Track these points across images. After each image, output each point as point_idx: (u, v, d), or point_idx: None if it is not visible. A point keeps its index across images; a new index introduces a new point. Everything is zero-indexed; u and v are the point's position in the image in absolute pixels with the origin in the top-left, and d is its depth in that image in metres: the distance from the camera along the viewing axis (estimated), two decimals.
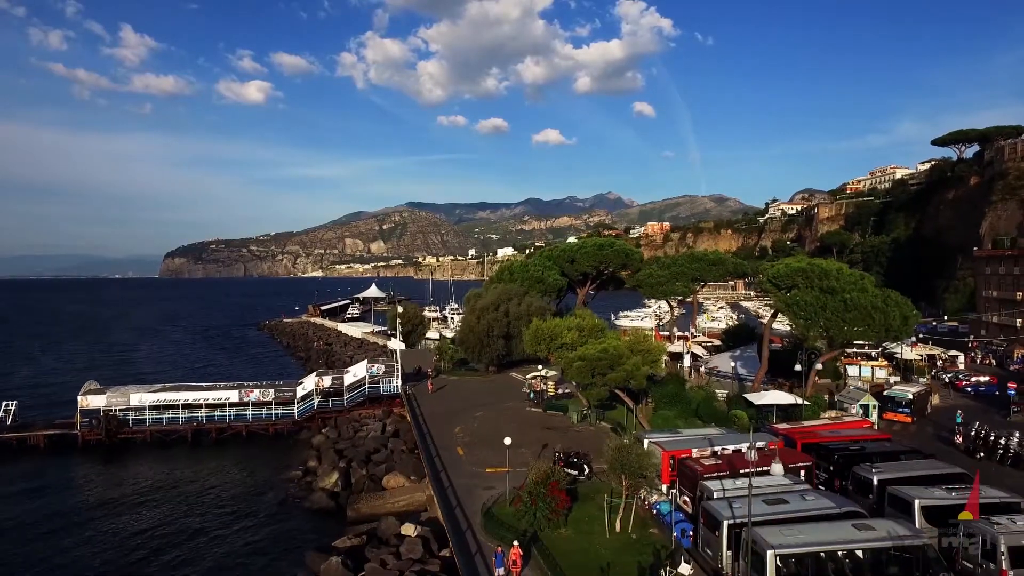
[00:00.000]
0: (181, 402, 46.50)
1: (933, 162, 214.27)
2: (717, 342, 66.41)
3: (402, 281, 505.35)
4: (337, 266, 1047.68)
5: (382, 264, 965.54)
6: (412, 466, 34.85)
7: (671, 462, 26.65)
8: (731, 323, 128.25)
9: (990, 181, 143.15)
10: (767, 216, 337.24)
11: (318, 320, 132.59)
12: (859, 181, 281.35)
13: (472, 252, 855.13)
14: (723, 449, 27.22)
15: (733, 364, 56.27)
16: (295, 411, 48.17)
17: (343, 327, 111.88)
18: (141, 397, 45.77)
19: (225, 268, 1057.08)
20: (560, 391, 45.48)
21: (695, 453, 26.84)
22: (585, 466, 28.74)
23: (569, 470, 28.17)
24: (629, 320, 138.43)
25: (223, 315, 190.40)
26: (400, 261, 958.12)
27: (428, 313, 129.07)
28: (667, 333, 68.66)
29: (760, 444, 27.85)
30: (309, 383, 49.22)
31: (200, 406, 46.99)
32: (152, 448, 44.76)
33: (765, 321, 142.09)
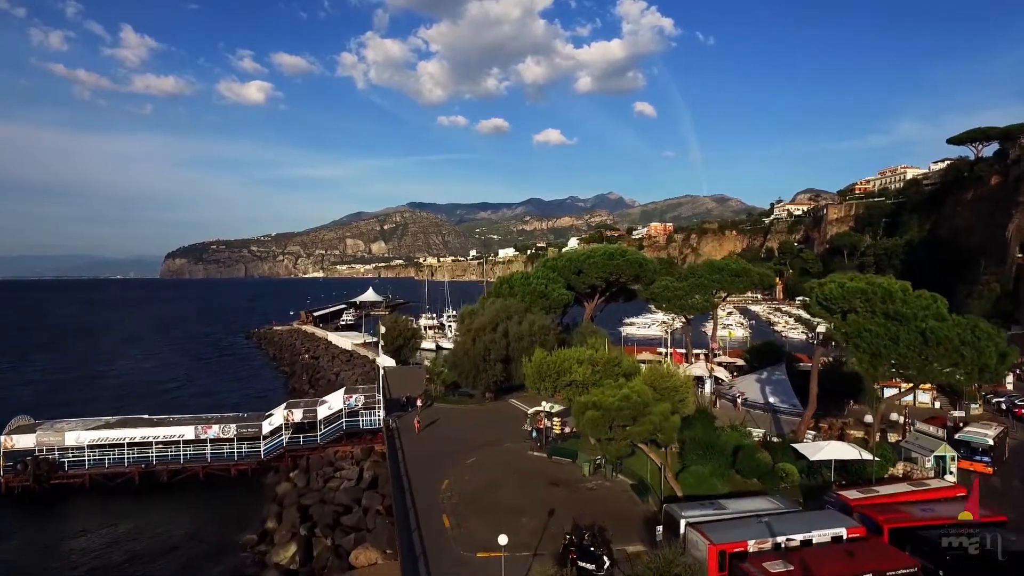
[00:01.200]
0: (127, 440, 39.93)
1: (948, 161, 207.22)
2: (740, 361, 59.68)
3: (403, 282, 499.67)
4: (338, 267, 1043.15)
5: (383, 265, 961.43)
6: (387, 536, 28.20)
7: (720, 558, 20.06)
8: (744, 330, 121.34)
9: (1016, 181, 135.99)
10: (773, 217, 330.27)
11: (309, 328, 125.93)
12: (868, 181, 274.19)
13: (473, 252, 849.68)
14: (788, 539, 20.62)
15: (762, 390, 49.70)
16: (261, 449, 41.73)
17: (333, 337, 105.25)
18: (79, 435, 39.21)
19: (226, 269, 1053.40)
20: (567, 430, 38.85)
21: (752, 546, 20.24)
22: (605, 557, 22.07)
23: (584, 564, 21.56)
24: (635, 328, 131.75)
25: (216, 320, 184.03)
26: (401, 261, 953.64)
27: (424, 321, 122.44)
28: (684, 351, 61.98)
29: (836, 532, 21.27)
30: (277, 417, 42.67)
31: (150, 444, 40.48)
32: (91, 496, 38.16)
33: (780, 329, 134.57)
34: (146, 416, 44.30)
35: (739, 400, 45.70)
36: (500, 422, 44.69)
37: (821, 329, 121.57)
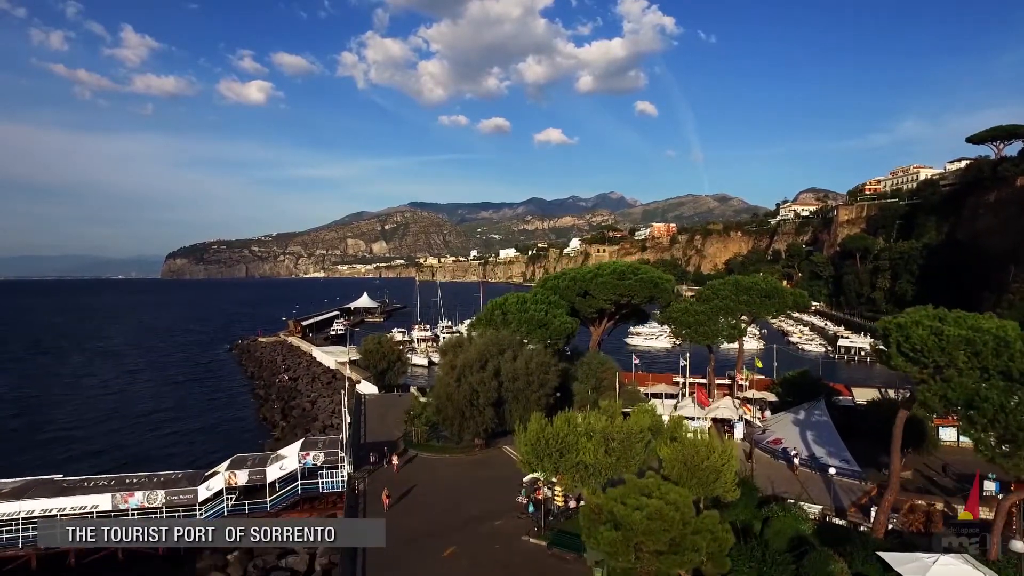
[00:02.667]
0: (22, 515, 32.13)
1: (966, 161, 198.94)
2: (771, 396, 51.52)
3: (404, 283, 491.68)
4: (339, 267, 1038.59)
5: (384, 265, 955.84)
6: None
7: None
8: (757, 341, 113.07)
9: None
10: (779, 218, 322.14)
11: (295, 340, 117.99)
12: (879, 181, 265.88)
13: (475, 253, 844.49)
14: None
15: (802, 436, 41.67)
16: (198, 519, 33.95)
17: (317, 352, 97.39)
18: None
19: (227, 269, 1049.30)
20: (572, 504, 30.99)
21: None
22: None
23: None
24: (641, 339, 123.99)
25: (204, 328, 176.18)
26: (402, 261, 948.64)
27: (417, 333, 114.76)
28: (705, 381, 54.00)
29: None
30: (217, 480, 34.84)
31: (55, 517, 32.70)
32: None
33: (795, 340, 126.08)
34: (57, 478, 36.35)
35: (796, 459, 37.30)
36: (490, 483, 36.72)
37: (844, 343, 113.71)
